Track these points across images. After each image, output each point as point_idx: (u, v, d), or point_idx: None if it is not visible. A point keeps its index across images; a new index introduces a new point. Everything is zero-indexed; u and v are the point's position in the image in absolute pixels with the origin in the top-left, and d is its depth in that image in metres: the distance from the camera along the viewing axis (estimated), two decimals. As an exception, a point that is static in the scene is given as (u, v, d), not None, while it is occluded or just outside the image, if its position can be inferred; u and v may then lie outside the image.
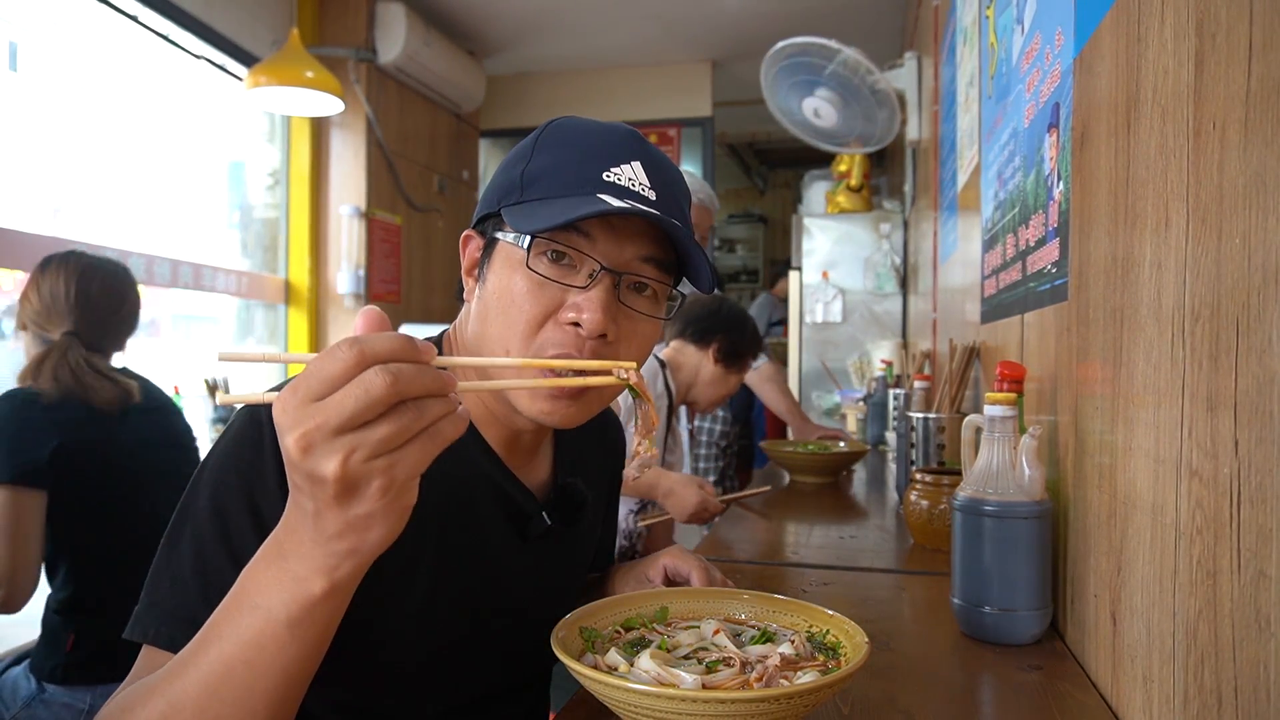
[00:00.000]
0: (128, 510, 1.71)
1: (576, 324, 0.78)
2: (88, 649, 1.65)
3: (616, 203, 0.76)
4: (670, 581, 1.03)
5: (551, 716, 0.96)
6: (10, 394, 1.65)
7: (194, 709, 0.59)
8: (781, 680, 0.72)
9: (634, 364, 0.73)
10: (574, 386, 0.79)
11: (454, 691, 0.88)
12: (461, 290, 0.89)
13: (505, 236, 0.81)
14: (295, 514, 0.57)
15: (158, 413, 1.84)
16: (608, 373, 0.72)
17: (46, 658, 1.66)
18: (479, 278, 0.84)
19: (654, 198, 0.81)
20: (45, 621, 1.70)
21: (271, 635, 0.58)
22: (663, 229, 0.80)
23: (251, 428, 0.77)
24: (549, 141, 0.83)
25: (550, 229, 0.76)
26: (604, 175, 0.80)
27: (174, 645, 0.69)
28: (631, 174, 0.81)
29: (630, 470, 0.80)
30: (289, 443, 0.52)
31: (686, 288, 0.89)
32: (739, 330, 2.35)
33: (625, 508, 2.34)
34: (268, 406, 0.76)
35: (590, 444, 1.04)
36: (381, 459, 0.52)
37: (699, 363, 2.33)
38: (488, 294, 0.82)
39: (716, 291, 2.14)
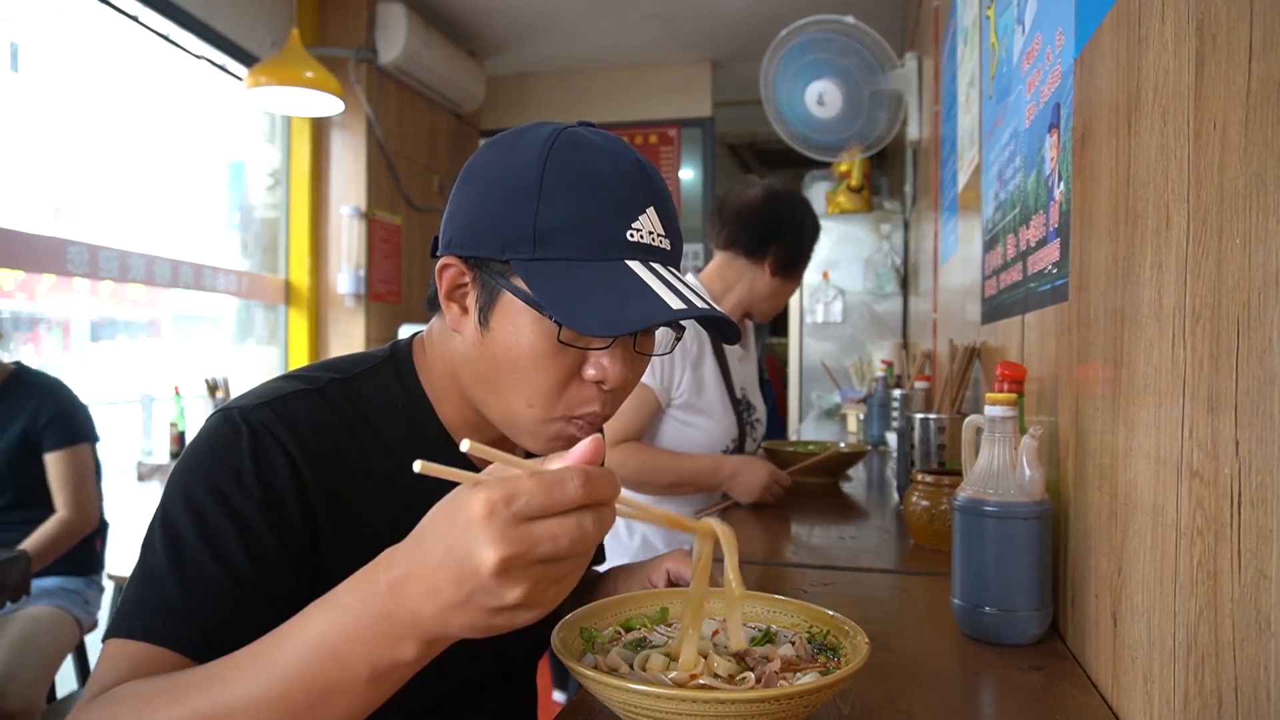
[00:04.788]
0: None
1: (600, 381, 0.79)
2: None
3: (672, 301, 0.73)
4: (672, 585, 1.03)
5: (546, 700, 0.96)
6: None
7: None
8: (781, 681, 0.72)
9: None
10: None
11: (435, 689, 0.88)
12: (434, 303, 0.86)
13: (516, 290, 0.76)
14: (421, 587, 0.54)
15: None
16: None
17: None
18: (480, 321, 0.80)
19: (668, 247, 0.80)
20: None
21: (347, 688, 0.57)
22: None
23: (226, 428, 0.76)
24: (557, 183, 0.76)
25: (608, 336, 0.75)
26: (628, 235, 0.76)
27: (149, 635, 0.68)
28: (651, 225, 0.78)
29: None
30: (487, 556, 0.50)
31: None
32: (796, 232, 1.91)
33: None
34: (245, 409, 0.76)
35: None
36: (556, 585, 0.53)
37: (753, 278, 1.92)
38: (497, 346, 0.79)
39: (760, 179, 1.99)
